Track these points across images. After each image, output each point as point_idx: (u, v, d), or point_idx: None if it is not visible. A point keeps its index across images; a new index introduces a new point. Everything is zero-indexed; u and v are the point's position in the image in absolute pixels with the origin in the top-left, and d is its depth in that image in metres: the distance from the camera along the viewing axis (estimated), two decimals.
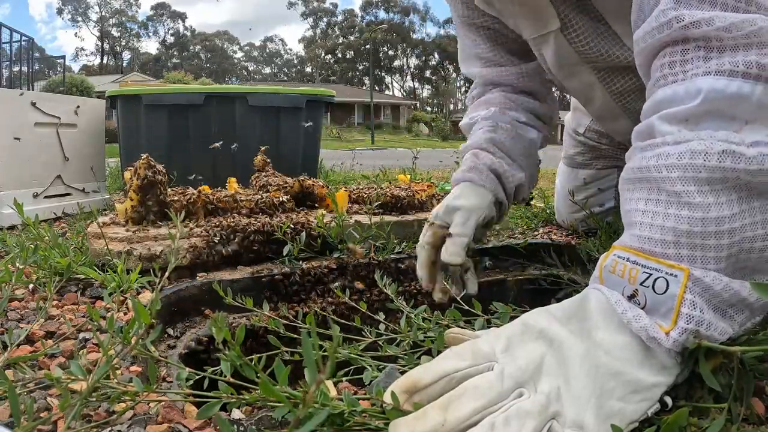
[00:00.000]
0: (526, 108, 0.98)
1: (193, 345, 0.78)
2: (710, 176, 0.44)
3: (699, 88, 0.46)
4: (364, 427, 0.42)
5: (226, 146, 2.05)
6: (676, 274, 0.44)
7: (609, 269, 0.48)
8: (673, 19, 0.48)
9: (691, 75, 0.48)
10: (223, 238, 1.00)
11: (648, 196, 0.48)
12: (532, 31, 0.87)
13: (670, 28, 0.49)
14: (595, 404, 0.40)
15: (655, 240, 0.46)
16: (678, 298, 0.43)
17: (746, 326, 0.45)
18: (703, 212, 0.44)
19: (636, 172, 0.50)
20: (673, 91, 0.49)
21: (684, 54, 0.49)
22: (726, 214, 0.44)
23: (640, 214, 0.48)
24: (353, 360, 0.60)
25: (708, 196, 0.44)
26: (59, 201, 1.71)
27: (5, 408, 0.47)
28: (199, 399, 0.45)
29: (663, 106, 0.49)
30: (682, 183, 0.45)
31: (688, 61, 0.48)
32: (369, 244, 1.07)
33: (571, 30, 0.82)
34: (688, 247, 0.44)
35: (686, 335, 0.42)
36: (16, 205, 0.79)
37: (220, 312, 0.81)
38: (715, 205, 0.44)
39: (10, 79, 6.56)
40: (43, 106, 1.65)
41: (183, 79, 21.16)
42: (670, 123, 0.48)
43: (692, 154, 0.45)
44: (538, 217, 1.48)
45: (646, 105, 0.52)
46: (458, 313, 0.68)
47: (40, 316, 0.71)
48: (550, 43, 0.86)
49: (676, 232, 0.45)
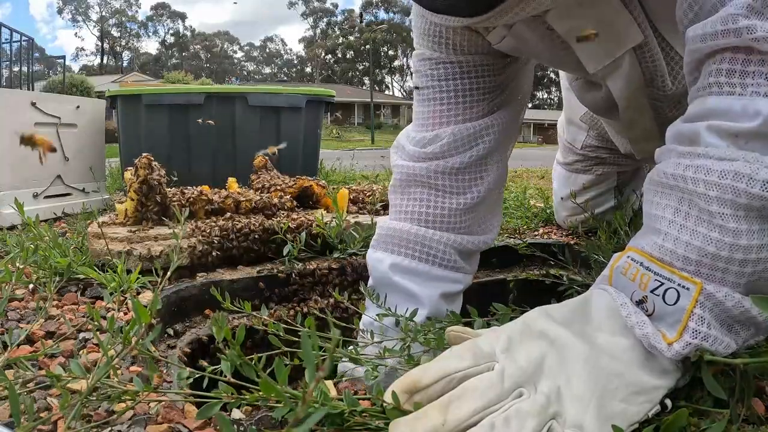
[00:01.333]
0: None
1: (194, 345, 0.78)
2: (749, 203, 0.42)
3: (758, 110, 0.43)
4: (364, 427, 0.42)
5: (226, 146, 2.05)
6: (689, 287, 0.43)
7: (621, 271, 0.48)
8: (744, 29, 0.44)
9: (751, 92, 0.45)
10: (223, 238, 1.00)
11: (678, 207, 0.47)
12: (605, 57, 0.70)
13: (738, 36, 0.45)
14: (596, 405, 0.40)
15: (677, 255, 0.45)
16: (687, 312, 0.43)
17: (749, 342, 0.45)
18: (734, 238, 0.43)
19: (669, 178, 0.48)
20: (729, 104, 0.45)
21: (746, 65, 0.45)
22: (755, 243, 0.43)
23: (667, 223, 0.47)
24: (353, 360, 0.60)
25: (742, 222, 0.43)
26: (59, 201, 1.71)
27: (5, 408, 0.47)
28: (199, 399, 0.45)
29: (715, 116, 0.47)
30: (719, 204, 0.43)
31: (749, 74, 0.45)
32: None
33: (645, 48, 0.70)
34: (709, 268, 0.44)
35: (690, 348, 0.42)
36: (17, 205, 0.79)
37: (220, 312, 0.81)
38: (746, 233, 0.43)
39: (10, 79, 6.56)
40: (43, 106, 1.65)
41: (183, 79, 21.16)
42: (719, 136, 0.45)
43: (735, 176, 0.43)
44: (538, 217, 1.48)
45: (694, 109, 0.49)
46: (458, 314, 0.68)
47: (40, 316, 0.71)
48: (623, 66, 0.71)
49: (701, 252, 0.44)
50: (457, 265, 0.82)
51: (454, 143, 0.79)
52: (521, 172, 3.82)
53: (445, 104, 0.80)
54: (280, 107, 2.12)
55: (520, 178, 3.27)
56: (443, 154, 0.80)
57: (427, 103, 0.82)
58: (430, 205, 0.82)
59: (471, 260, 0.86)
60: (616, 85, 0.74)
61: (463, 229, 0.83)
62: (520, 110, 0.88)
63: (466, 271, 0.84)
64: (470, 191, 0.81)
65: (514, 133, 0.87)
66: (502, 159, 0.84)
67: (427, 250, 0.81)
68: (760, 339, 0.46)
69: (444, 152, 0.80)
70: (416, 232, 0.81)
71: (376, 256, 0.83)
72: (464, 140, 0.79)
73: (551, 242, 1.20)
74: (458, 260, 0.82)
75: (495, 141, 0.81)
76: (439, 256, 0.81)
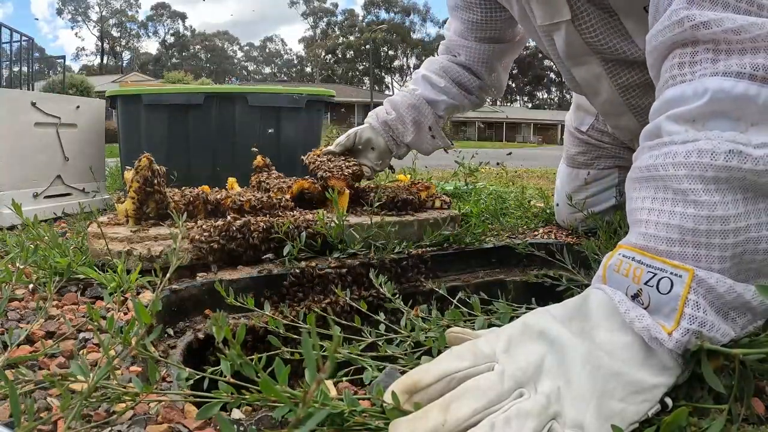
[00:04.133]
0: (453, 78, 1.27)
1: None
2: (716, 175, 0.44)
3: (706, 88, 0.46)
4: (364, 427, 0.42)
5: (226, 146, 2.05)
6: (681, 274, 0.44)
7: (613, 268, 0.48)
8: (684, 19, 0.49)
9: (699, 75, 0.48)
10: (222, 238, 1.00)
11: (654, 195, 0.48)
12: (544, 18, 0.91)
13: (680, 26, 0.49)
14: (596, 405, 0.40)
15: (660, 238, 0.46)
16: (682, 298, 0.43)
17: (747, 329, 0.45)
18: (709, 210, 0.44)
19: (643, 171, 0.50)
20: (681, 90, 0.49)
21: (693, 56, 0.49)
22: (731, 213, 0.44)
23: (646, 212, 0.48)
24: (353, 360, 0.60)
25: (714, 194, 0.44)
26: (59, 201, 1.71)
27: (5, 408, 0.47)
28: (199, 399, 0.45)
29: (671, 105, 0.50)
30: (688, 181, 0.45)
31: (697, 62, 0.49)
32: (369, 243, 1.07)
33: (582, 21, 0.87)
34: (693, 246, 0.44)
35: (689, 336, 0.42)
36: (15, 206, 0.79)
37: (220, 312, 0.81)
38: (720, 203, 0.44)
39: (10, 79, 6.56)
40: (43, 106, 1.65)
41: (183, 79, 21.16)
42: (677, 122, 0.48)
43: (699, 153, 0.45)
44: (538, 217, 1.48)
45: (655, 105, 0.53)
46: (459, 313, 0.68)
47: (40, 316, 0.71)
48: (561, 32, 0.91)
49: (681, 230, 0.45)
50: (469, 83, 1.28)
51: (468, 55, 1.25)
52: (521, 172, 3.82)
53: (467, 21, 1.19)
54: (280, 107, 2.12)
55: (520, 178, 3.27)
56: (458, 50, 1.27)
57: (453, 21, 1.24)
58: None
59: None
60: (558, 41, 0.94)
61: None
62: (515, 49, 1.28)
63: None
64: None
65: (509, 59, 1.30)
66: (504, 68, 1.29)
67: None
68: (759, 325, 0.46)
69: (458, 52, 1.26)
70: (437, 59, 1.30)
71: (413, 76, 1.34)
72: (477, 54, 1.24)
73: (551, 242, 1.20)
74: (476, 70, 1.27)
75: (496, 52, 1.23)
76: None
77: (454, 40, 1.25)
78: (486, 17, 1.15)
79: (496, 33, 1.20)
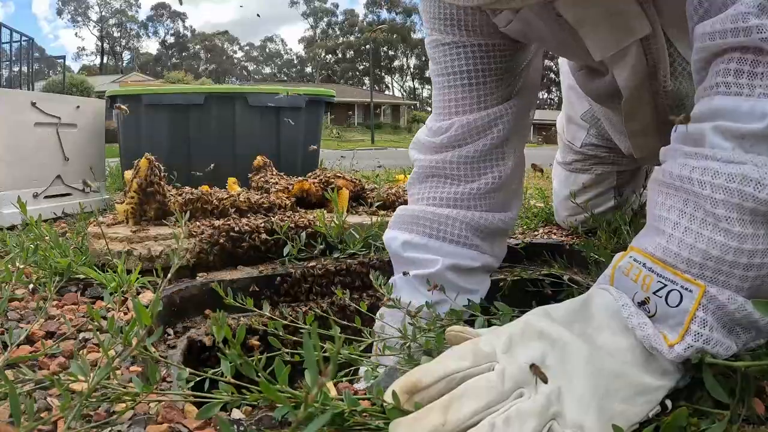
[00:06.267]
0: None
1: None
2: (756, 207, 0.42)
3: (766, 112, 0.43)
4: (365, 427, 0.42)
5: (226, 146, 2.05)
6: (692, 289, 0.43)
7: (623, 271, 0.48)
8: (754, 28, 0.44)
9: (759, 93, 0.44)
10: (222, 238, 1.00)
11: (683, 209, 0.46)
12: (612, 46, 0.70)
13: (748, 35, 0.44)
14: (597, 405, 0.40)
15: (681, 257, 0.45)
16: (690, 314, 0.43)
17: (749, 345, 0.45)
18: (739, 242, 0.43)
19: (675, 179, 0.47)
20: (736, 104, 0.45)
21: (754, 66, 0.45)
22: (760, 248, 0.43)
23: (672, 225, 0.47)
24: (353, 360, 0.60)
25: (747, 226, 0.43)
26: (59, 201, 1.71)
27: (5, 408, 0.47)
28: (200, 399, 0.45)
29: (721, 116, 0.46)
30: (725, 207, 0.43)
31: (758, 75, 0.44)
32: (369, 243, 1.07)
33: (652, 40, 0.70)
34: (713, 271, 0.44)
35: (691, 351, 0.42)
36: (20, 204, 0.79)
37: (220, 312, 0.81)
38: (752, 237, 0.43)
39: (10, 79, 6.56)
40: (43, 106, 1.65)
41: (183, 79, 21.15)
42: (725, 137, 0.45)
43: (743, 180, 0.42)
44: (538, 217, 1.48)
45: (700, 108, 0.49)
46: (459, 312, 0.68)
47: (40, 316, 0.71)
48: (629, 56, 0.71)
49: (705, 255, 0.44)
50: (471, 242, 0.82)
51: (468, 132, 0.80)
52: None
53: (459, 90, 0.81)
54: (280, 107, 2.12)
55: None
56: (458, 143, 0.81)
57: (442, 91, 0.83)
58: (445, 189, 0.83)
59: (490, 241, 0.85)
60: (622, 74, 0.74)
61: (479, 210, 0.83)
62: (531, 100, 0.89)
63: (483, 250, 0.83)
64: (485, 177, 0.82)
65: (526, 122, 0.88)
66: (517, 147, 0.85)
67: (438, 226, 0.81)
68: (761, 342, 0.46)
69: (458, 141, 0.81)
70: (430, 210, 0.82)
71: (390, 234, 0.86)
72: (477, 129, 0.80)
73: (551, 242, 1.20)
74: (472, 237, 0.82)
75: (508, 129, 0.81)
76: (449, 231, 0.81)
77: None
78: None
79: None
